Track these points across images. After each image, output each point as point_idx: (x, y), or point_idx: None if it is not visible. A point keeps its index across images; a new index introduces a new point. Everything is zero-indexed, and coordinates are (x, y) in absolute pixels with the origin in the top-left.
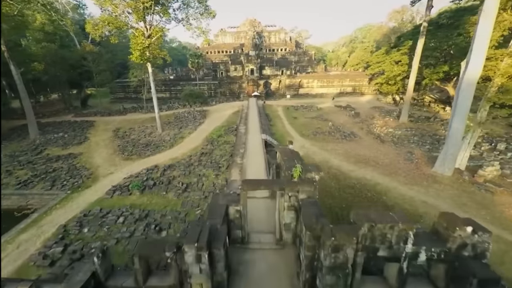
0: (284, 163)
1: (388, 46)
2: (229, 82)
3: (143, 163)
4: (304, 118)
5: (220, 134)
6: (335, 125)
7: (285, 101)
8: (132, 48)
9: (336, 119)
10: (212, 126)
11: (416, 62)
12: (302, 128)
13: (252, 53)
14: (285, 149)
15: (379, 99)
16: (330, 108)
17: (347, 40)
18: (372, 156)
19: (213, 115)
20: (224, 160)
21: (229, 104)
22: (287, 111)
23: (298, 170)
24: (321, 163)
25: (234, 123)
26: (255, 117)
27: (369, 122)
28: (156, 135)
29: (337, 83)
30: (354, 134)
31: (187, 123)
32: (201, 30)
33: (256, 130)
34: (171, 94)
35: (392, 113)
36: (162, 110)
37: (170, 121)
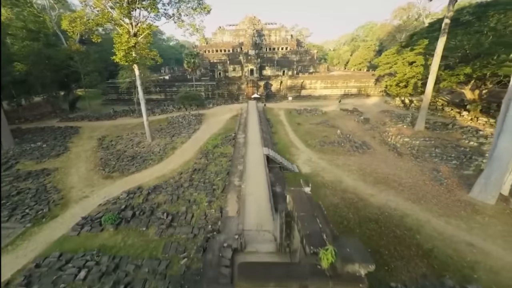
0: (301, 224)
1: (399, 45)
2: (228, 83)
3: (125, 183)
4: (309, 124)
5: (216, 144)
6: (343, 133)
7: (287, 103)
8: (115, 48)
9: (343, 125)
10: (208, 133)
11: (436, 64)
12: (307, 136)
13: (251, 53)
14: (300, 195)
15: (387, 102)
16: (335, 112)
17: (348, 39)
18: (392, 174)
19: (210, 120)
20: (220, 179)
21: (227, 107)
22: (290, 116)
23: (330, 255)
24: (333, 184)
25: (232, 130)
26: (255, 123)
27: (381, 129)
28: (145, 145)
29: (341, 84)
30: (367, 144)
31: (181, 129)
32: (194, 27)
33: (256, 140)
34: (166, 95)
35: (405, 119)
36: (155, 114)
37: (162, 128)
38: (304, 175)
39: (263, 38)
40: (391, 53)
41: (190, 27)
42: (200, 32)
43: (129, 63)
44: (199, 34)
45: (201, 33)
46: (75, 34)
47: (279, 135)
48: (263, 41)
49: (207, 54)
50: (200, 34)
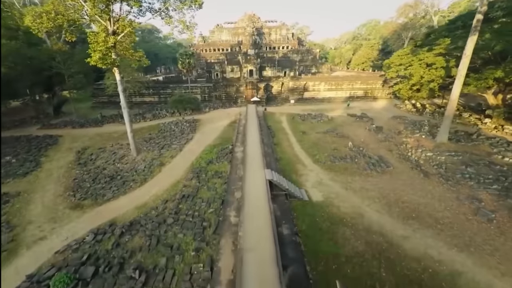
0: None
1: (413, 45)
2: (225, 85)
3: (96, 215)
4: (315, 133)
5: (210, 160)
6: (355, 144)
7: (288, 107)
8: (90, 48)
9: (354, 134)
10: (202, 145)
11: (464, 66)
12: (314, 149)
13: (251, 52)
14: None
15: (397, 106)
16: (343, 118)
17: (350, 37)
18: (423, 203)
19: (205, 127)
20: (212, 211)
21: (224, 111)
22: (293, 122)
23: None
24: (353, 219)
25: (229, 140)
26: (255, 132)
27: (397, 140)
28: (128, 160)
29: (346, 86)
30: (384, 160)
31: (172, 139)
32: (184, 24)
33: (257, 155)
34: (160, 98)
35: (422, 127)
36: (146, 120)
37: (151, 137)
38: (315, 204)
39: (263, 37)
40: (405, 53)
41: (180, 24)
42: (191, 30)
43: (107, 66)
44: (189, 32)
45: (191, 31)
46: (41, 32)
47: (282, 147)
48: (263, 40)
49: (204, 54)
50: (191, 32)
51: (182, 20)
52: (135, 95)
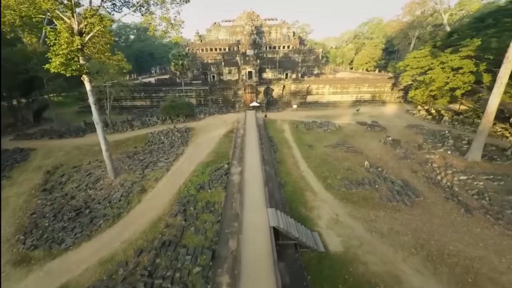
0: None
1: (431, 45)
2: (222, 88)
3: (43, 278)
4: (323, 146)
5: (201, 184)
6: (372, 163)
7: (291, 112)
8: (51, 52)
9: (367, 148)
10: (194, 162)
11: (507, 73)
12: (324, 168)
13: (250, 53)
14: None
15: (410, 112)
16: (351, 126)
17: (351, 36)
18: (476, 257)
19: (199, 137)
20: (198, 271)
21: (221, 118)
22: (297, 132)
23: None
24: (386, 283)
25: (225, 155)
26: (254, 147)
27: (419, 157)
28: (104, 184)
29: (353, 89)
30: (410, 186)
31: (159, 155)
32: (168, 21)
33: (257, 181)
34: (153, 101)
35: (445, 140)
36: (134, 128)
37: (136, 151)
38: (334, 257)
39: (262, 36)
40: (423, 55)
41: (163, 21)
42: (176, 29)
43: (73, 73)
44: (175, 31)
45: (177, 30)
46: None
47: (287, 165)
48: (263, 38)
49: (200, 54)
50: (177, 31)
51: (166, 17)
52: (125, 99)
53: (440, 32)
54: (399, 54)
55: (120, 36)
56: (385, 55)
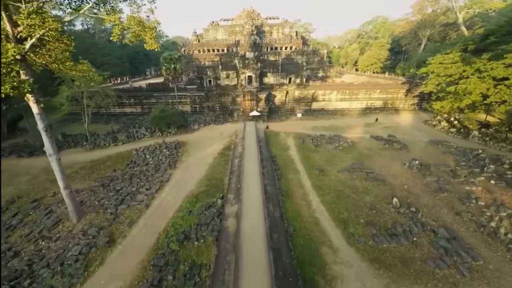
0: None
1: (459, 49)
2: (220, 94)
3: None
4: (336, 171)
5: (187, 231)
6: (400, 198)
7: (295, 122)
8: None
9: (390, 174)
10: (181, 193)
11: None
12: (341, 205)
13: (249, 55)
14: None
15: (429, 123)
16: (366, 141)
17: (354, 35)
18: None
19: (190, 156)
20: None
21: (217, 129)
22: (303, 149)
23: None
24: None
25: (219, 184)
26: (254, 172)
27: (457, 189)
28: (63, 231)
29: (363, 95)
30: (459, 240)
31: (141, 182)
32: (138, 22)
33: (259, 234)
34: (143, 108)
35: (484, 164)
36: (117, 143)
37: (114, 177)
38: None
39: (263, 36)
40: (451, 60)
41: (131, 22)
42: (149, 33)
43: (10, 92)
44: (147, 36)
45: (151, 34)
46: None
47: (295, 201)
48: (264, 39)
49: (197, 55)
50: (150, 36)
51: (136, 17)
52: (113, 106)
53: (450, 31)
54: (406, 55)
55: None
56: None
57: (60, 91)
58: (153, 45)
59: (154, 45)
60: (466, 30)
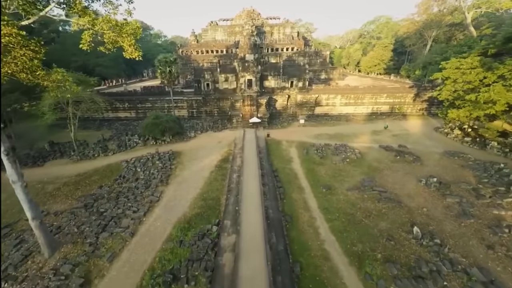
0: None
1: (477, 52)
2: (218, 98)
3: None
4: (345, 190)
5: (176, 269)
6: (420, 224)
7: (298, 129)
8: None
9: (405, 193)
10: (173, 216)
11: None
12: (353, 236)
13: (249, 58)
14: None
15: (440, 130)
16: (375, 152)
17: (356, 35)
18: None
19: (185, 169)
20: None
21: (215, 136)
22: (308, 162)
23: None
24: None
25: (215, 204)
26: (255, 190)
27: (484, 214)
28: (32, 268)
29: (368, 100)
30: (498, 286)
31: (129, 202)
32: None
33: (260, 274)
34: (138, 113)
35: (506, 179)
36: (107, 153)
37: (99, 195)
38: None
39: (263, 37)
40: (469, 65)
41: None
42: (128, 39)
43: None
44: (125, 43)
45: (129, 41)
46: None
47: (300, 227)
48: (264, 39)
49: (195, 56)
50: (128, 42)
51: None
52: (106, 110)
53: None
54: (410, 56)
55: None
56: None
57: (43, 99)
58: (133, 53)
59: (135, 53)
60: (474, 30)
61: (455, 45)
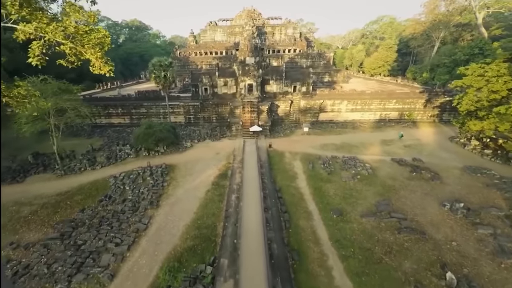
0: None
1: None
2: (217, 103)
3: None
4: (359, 216)
5: None
6: (451, 265)
7: (302, 138)
8: None
9: (427, 220)
10: (161, 251)
11: None
12: (373, 280)
13: (250, 61)
14: None
15: (457, 141)
16: (386, 166)
17: (358, 35)
18: None
19: (178, 187)
20: None
21: (213, 146)
22: (315, 179)
23: None
24: None
25: (211, 234)
26: (256, 218)
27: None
28: None
29: (376, 105)
30: None
31: (112, 232)
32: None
33: None
34: (132, 119)
35: None
36: (95, 167)
37: (80, 222)
38: None
39: (264, 37)
40: (495, 73)
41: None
42: (92, 51)
43: None
44: (88, 54)
45: (95, 52)
46: None
47: (309, 269)
48: (265, 40)
49: (193, 58)
50: (93, 54)
51: (71, 25)
52: (98, 116)
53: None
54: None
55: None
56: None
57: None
58: (102, 68)
59: (104, 68)
60: (485, 31)
61: (465, 46)
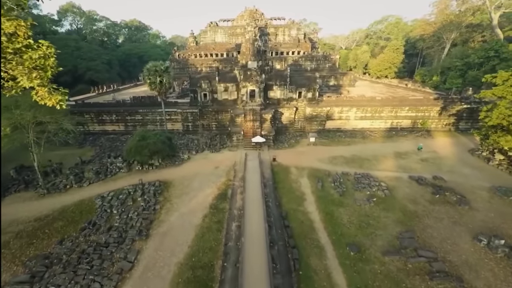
0: None
1: None
2: (216, 110)
3: None
4: (380, 253)
5: None
6: None
7: (308, 149)
8: None
9: (461, 260)
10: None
11: None
12: None
13: (252, 65)
14: None
15: (478, 154)
16: (405, 186)
17: (362, 35)
18: None
19: (173, 210)
20: None
21: (212, 159)
22: (325, 201)
23: None
24: None
25: (206, 275)
26: (260, 258)
27: None
28: None
29: (387, 113)
30: None
31: (90, 273)
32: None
33: None
34: (127, 126)
35: None
36: (82, 183)
37: (56, 257)
38: None
39: (267, 39)
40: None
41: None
42: (26, 77)
43: None
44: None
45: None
46: None
47: None
48: (268, 41)
49: (193, 60)
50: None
51: None
52: (91, 123)
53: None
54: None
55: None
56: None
57: None
58: (47, 99)
59: (51, 98)
60: (501, 32)
61: (479, 48)
